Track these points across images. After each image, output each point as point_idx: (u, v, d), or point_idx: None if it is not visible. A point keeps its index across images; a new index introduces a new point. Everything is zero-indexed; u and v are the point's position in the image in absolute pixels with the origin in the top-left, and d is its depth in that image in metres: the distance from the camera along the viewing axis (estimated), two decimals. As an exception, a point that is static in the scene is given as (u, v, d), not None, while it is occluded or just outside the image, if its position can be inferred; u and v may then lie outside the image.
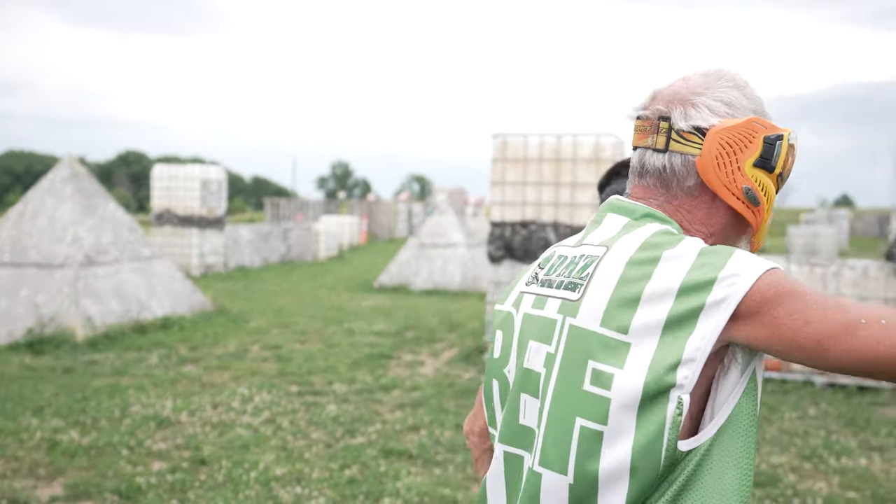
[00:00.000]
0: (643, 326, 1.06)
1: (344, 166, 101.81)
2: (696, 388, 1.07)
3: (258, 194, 69.37)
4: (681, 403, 1.03)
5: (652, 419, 1.04)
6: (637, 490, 1.07)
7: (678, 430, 1.04)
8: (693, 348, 1.03)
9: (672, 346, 1.04)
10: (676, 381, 1.04)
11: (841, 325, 1.01)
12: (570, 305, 1.15)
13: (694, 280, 1.06)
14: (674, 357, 1.04)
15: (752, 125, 1.17)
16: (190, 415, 5.75)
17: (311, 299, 12.88)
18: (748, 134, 1.16)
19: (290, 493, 4.32)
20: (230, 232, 17.42)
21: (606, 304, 1.10)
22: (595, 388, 1.08)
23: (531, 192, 7.90)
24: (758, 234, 1.24)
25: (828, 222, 24.73)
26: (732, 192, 1.17)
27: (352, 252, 24.77)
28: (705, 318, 1.04)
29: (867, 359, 1.00)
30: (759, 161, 1.17)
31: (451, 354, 8.32)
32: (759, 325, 1.04)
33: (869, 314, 1.01)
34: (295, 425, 5.55)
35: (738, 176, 1.16)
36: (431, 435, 5.37)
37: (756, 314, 1.04)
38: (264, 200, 35.34)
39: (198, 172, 15.99)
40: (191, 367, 7.40)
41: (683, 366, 1.03)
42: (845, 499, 4.40)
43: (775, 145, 1.17)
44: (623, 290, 1.09)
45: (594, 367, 1.09)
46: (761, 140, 1.16)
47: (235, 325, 9.78)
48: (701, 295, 1.05)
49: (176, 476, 4.50)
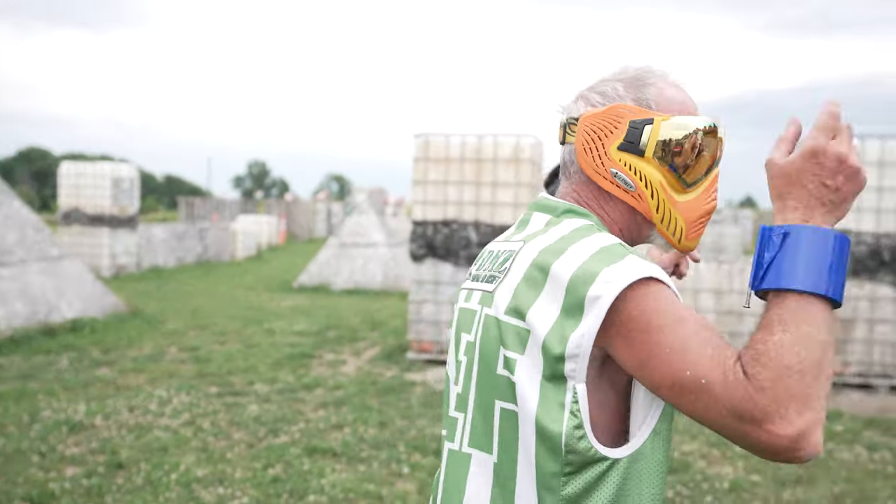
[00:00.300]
0: (541, 315, 1.09)
1: (261, 165, 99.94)
2: (599, 388, 1.09)
3: (171, 193, 67.36)
4: (575, 393, 1.07)
5: (551, 405, 1.08)
6: (544, 475, 1.10)
7: (579, 421, 1.06)
8: (575, 344, 1.06)
9: (560, 340, 1.07)
10: (565, 371, 1.07)
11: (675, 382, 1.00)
12: (487, 296, 1.20)
13: (582, 273, 1.07)
14: (560, 349, 1.07)
15: (618, 111, 1.20)
16: (105, 418, 5.58)
17: (230, 300, 12.64)
18: (613, 119, 1.20)
19: (213, 494, 4.26)
20: (143, 231, 16.89)
21: (512, 294, 1.14)
22: (506, 372, 1.14)
23: (453, 191, 8.00)
24: (669, 222, 1.22)
25: (733, 222, 25.85)
26: (603, 175, 1.21)
27: (270, 252, 24.38)
28: (587, 313, 1.05)
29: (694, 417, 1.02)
30: (623, 144, 1.19)
31: (374, 353, 8.33)
32: (619, 342, 1.05)
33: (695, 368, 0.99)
34: (216, 426, 5.47)
35: (605, 160, 1.20)
36: (355, 433, 5.39)
37: (620, 329, 1.05)
38: (178, 199, 34.38)
39: (109, 170, 15.45)
40: (104, 370, 7.16)
41: (570, 359, 1.06)
42: (749, 481, 4.66)
43: (641, 129, 1.18)
44: (526, 280, 1.14)
45: (503, 353, 1.14)
46: (627, 124, 1.19)
47: (150, 327, 9.52)
48: (584, 287, 1.06)
49: (92, 481, 4.37)
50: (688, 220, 1.22)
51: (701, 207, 1.23)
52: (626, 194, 1.21)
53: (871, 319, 7.33)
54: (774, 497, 4.44)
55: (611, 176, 1.20)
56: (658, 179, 1.19)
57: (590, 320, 1.05)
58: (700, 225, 1.24)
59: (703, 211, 1.23)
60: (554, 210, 1.24)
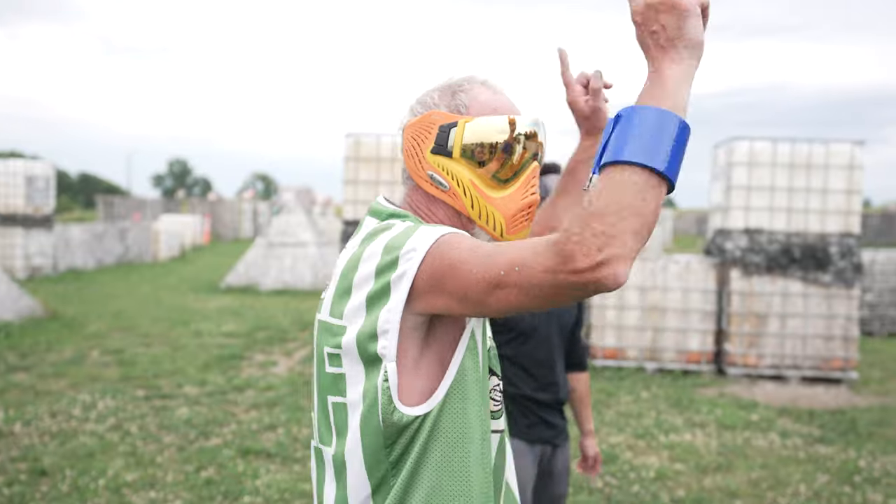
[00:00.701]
0: (352, 309, 1.19)
1: (182, 164, 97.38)
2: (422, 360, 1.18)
3: (87, 192, 64.97)
4: (386, 372, 1.15)
5: (370, 389, 1.17)
6: (370, 460, 1.19)
7: (389, 397, 1.15)
8: (384, 320, 1.14)
9: (370, 321, 1.16)
10: (377, 350, 1.15)
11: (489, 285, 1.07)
12: (321, 302, 1.31)
13: (385, 261, 1.16)
14: (370, 328, 1.15)
15: (432, 118, 1.28)
16: (25, 425, 5.39)
17: (154, 301, 12.31)
18: (428, 126, 1.28)
19: (144, 499, 4.18)
20: (60, 232, 16.26)
21: (332, 296, 1.24)
22: (332, 369, 1.23)
23: (384, 190, 8.02)
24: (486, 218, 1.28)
25: (654, 222, 26.65)
26: (423, 178, 1.29)
27: (195, 252, 23.82)
28: (393, 292, 1.14)
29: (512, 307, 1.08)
30: (435, 148, 1.27)
31: (305, 353, 8.27)
32: (436, 295, 1.12)
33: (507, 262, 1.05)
34: (144, 430, 5.35)
35: (424, 164, 1.28)
36: (289, 433, 5.36)
37: (432, 285, 1.12)
38: (96, 198, 33.20)
39: (22, 168, 14.83)
40: (21, 376, 6.90)
41: (381, 336, 1.14)
42: (674, 470, 4.87)
43: (448, 132, 1.26)
44: (342, 282, 1.23)
45: (327, 351, 1.23)
46: (437, 129, 1.27)
47: (70, 331, 9.19)
48: (390, 272, 1.15)
49: (14, 489, 4.23)
50: (506, 215, 1.28)
51: (519, 202, 1.28)
52: (444, 194, 1.28)
53: (783, 314, 7.72)
54: (697, 483, 4.65)
55: (428, 178, 1.28)
56: (468, 178, 1.26)
57: (397, 295, 1.13)
58: (521, 218, 1.29)
59: (522, 205, 1.29)
60: (380, 214, 1.31)
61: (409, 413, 1.16)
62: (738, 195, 7.74)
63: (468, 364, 1.21)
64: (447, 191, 1.27)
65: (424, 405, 1.17)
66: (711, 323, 7.85)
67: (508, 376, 2.54)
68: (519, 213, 1.29)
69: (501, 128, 1.25)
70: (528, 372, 2.55)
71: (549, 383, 2.56)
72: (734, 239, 7.76)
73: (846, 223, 7.68)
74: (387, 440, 1.17)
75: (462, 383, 1.20)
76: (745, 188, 7.72)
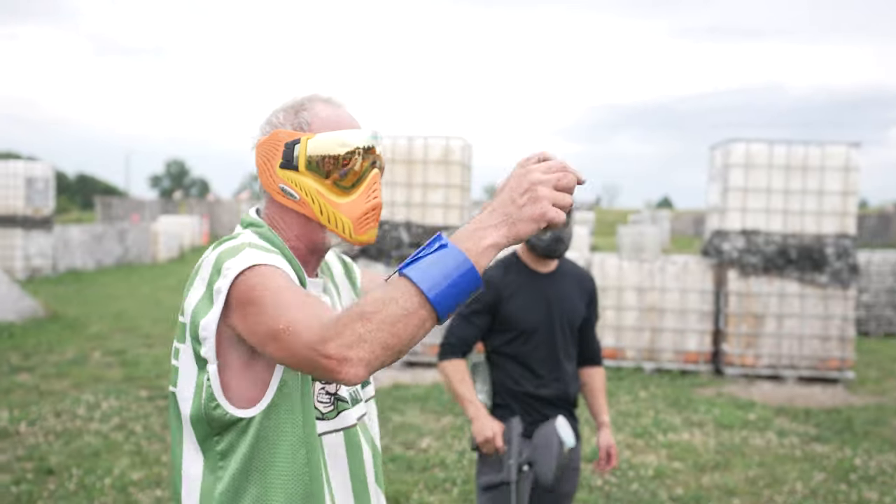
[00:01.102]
0: (190, 310, 1.29)
1: (180, 164, 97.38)
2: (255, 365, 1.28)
3: (84, 192, 64.95)
4: (208, 374, 1.27)
5: (192, 385, 1.30)
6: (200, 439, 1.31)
7: (211, 395, 1.27)
8: (203, 328, 1.25)
9: (199, 327, 1.27)
10: (202, 353, 1.27)
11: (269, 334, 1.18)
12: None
13: (213, 271, 1.26)
14: (194, 333, 1.27)
15: (278, 136, 1.39)
16: (30, 425, 5.44)
17: (154, 302, 12.36)
18: (275, 143, 1.39)
19: (150, 497, 4.24)
20: (60, 233, 16.29)
21: (185, 297, 1.33)
22: (174, 362, 1.36)
23: (384, 192, 8.07)
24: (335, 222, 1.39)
25: (651, 222, 26.72)
26: (276, 191, 1.40)
27: (193, 253, 23.84)
28: (214, 302, 1.25)
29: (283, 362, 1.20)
30: (283, 163, 1.38)
31: (306, 354, 8.32)
32: (238, 318, 1.23)
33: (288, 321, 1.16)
34: (149, 430, 5.41)
35: (275, 178, 1.39)
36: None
37: (236, 308, 1.23)
38: (94, 199, 33.22)
39: (21, 169, 14.85)
40: (25, 376, 6.94)
41: (203, 342, 1.26)
42: (672, 469, 4.93)
43: (293, 148, 1.37)
44: (188, 284, 1.33)
45: (175, 345, 1.36)
46: (283, 146, 1.39)
47: (72, 332, 9.24)
48: (213, 283, 1.25)
49: (21, 487, 4.28)
50: (352, 218, 1.39)
51: (363, 206, 1.40)
52: (296, 204, 1.39)
53: (780, 315, 7.80)
54: (695, 482, 4.72)
55: (280, 191, 1.39)
56: (315, 188, 1.38)
57: (216, 307, 1.24)
58: (367, 220, 1.41)
59: (366, 208, 1.40)
60: (242, 223, 1.44)
61: (235, 413, 1.28)
62: (734, 196, 7.81)
63: (288, 378, 1.30)
64: (298, 201, 1.38)
65: (252, 409, 1.28)
66: (709, 323, 7.92)
67: (511, 374, 2.61)
68: (363, 216, 1.40)
69: (341, 141, 1.37)
70: (531, 370, 2.61)
71: (552, 380, 2.63)
72: (731, 240, 7.84)
73: (842, 224, 7.75)
74: (212, 431, 1.29)
75: (287, 395, 1.30)
76: (742, 190, 7.80)
